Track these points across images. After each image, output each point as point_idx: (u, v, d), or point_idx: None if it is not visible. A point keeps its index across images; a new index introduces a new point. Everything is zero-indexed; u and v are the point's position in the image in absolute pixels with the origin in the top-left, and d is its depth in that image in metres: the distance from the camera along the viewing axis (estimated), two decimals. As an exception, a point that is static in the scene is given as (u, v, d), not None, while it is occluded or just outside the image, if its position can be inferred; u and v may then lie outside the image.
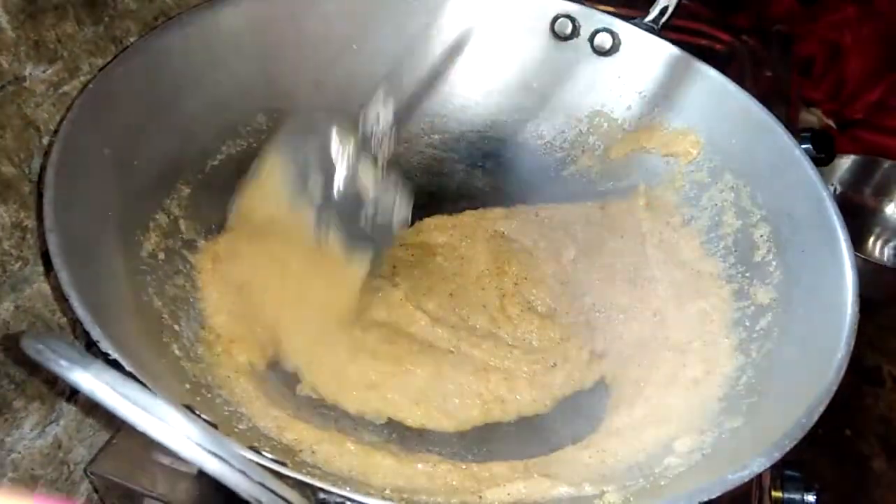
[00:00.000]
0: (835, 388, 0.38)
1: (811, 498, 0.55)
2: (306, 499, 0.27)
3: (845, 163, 1.08)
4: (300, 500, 0.26)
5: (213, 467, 0.23)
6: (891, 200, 1.08)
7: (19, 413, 0.53)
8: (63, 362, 0.23)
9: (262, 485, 0.24)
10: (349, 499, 0.29)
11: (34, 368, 0.54)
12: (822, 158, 0.84)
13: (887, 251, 1.07)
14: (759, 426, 0.41)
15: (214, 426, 0.27)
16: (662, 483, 0.39)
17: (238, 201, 0.56)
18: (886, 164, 1.07)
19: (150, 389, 0.23)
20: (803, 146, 0.78)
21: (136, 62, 0.50)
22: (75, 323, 0.55)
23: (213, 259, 0.53)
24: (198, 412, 0.32)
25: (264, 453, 0.30)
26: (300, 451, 0.42)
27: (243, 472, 0.24)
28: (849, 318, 0.42)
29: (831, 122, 1.24)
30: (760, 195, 0.56)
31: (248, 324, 0.51)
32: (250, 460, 0.25)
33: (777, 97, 0.96)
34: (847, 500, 0.77)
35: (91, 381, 0.23)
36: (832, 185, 1.07)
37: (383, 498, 0.30)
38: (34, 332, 0.23)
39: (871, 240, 1.08)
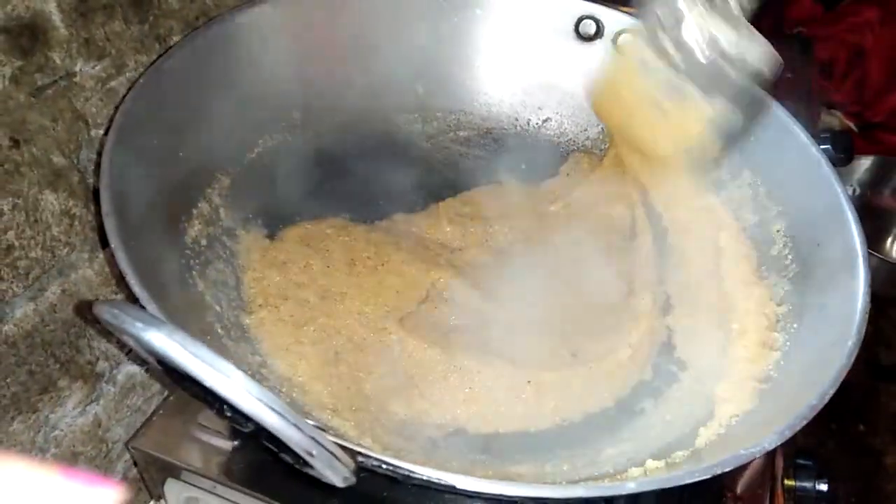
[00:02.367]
0: (845, 372, 0.40)
1: (823, 487, 0.57)
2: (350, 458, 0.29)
3: (864, 164, 1.08)
4: (345, 457, 0.28)
5: (271, 420, 0.26)
6: (909, 201, 1.09)
7: (63, 392, 0.56)
8: (138, 324, 0.25)
9: (314, 439, 0.27)
10: (384, 462, 0.31)
11: (78, 350, 0.56)
12: (841, 159, 0.85)
13: (905, 252, 1.07)
14: (771, 410, 0.43)
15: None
16: (678, 461, 0.41)
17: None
18: (905, 165, 1.08)
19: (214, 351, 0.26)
20: (823, 147, 0.80)
21: (180, 59, 0.52)
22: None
23: (261, 258, 0.56)
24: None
25: (307, 421, 0.32)
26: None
27: (297, 426, 0.26)
28: (860, 307, 0.44)
29: (852, 125, 1.24)
30: (778, 192, 0.57)
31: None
32: (303, 417, 0.27)
33: (797, 99, 0.97)
34: (859, 492, 0.78)
35: (164, 339, 0.25)
36: (851, 185, 1.08)
37: (415, 463, 0.32)
38: (107, 300, 0.26)
39: (889, 240, 1.08)
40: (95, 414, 0.60)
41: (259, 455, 0.52)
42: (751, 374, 0.48)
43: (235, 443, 0.53)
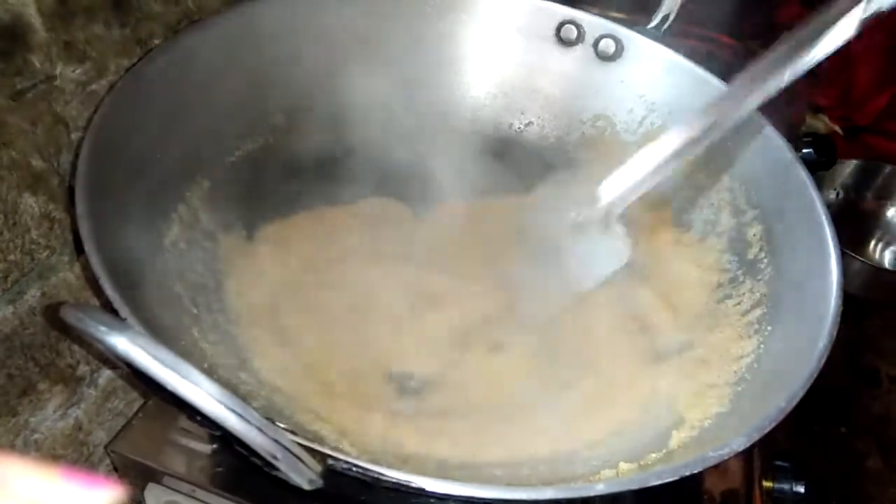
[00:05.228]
0: (815, 375, 0.40)
1: (800, 488, 0.57)
2: (316, 461, 0.29)
3: (847, 167, 1.09)
4: (310, 460, 0.29)
5: (233, 423, 0.26)
6: (892, 204, 1.09)
7: (43, 395, 0.56)
8: (102, 328, 0.25)
9: (277, 441, 0.27)
10: (354, 465, 0.31)
11: (58, 353, 0.56)
12: (823, 162, 0.86)
13: (888, 254, 1.08)
14: (745, 412, 0.43)
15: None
16: (650, 463, 0.42)
17: None
18: (887, 168, 1.08)
19: (177, 354, 0.26)
20: (805, 150, 0.80)
21: (160, 63, 0.52)
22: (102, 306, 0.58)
23: (242, 263, 0.56)
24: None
25: (278, 424, 0.33)
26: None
27: (259, 429, 0.26)
28: (832, 310, 0.44)
29: (837, 128, 1.24)
30: (755, 196, 0.58)
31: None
32: (267, 420, 0.27)
33: (782, 102, 0.97)
34: (841, 495, 0.79)
35: (126, 343, 0.25)
36: (835, 189, 1.08)
37: (388, 466, 0.32)
38: (73, 303, 0.26)
39: (872, 243, 1.09)
40: (76, 417, 0.60)
41: (237, 459, 0.52)
42: (719, 381, 0.48)
43: (214, 447, 0.53)
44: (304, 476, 0.29)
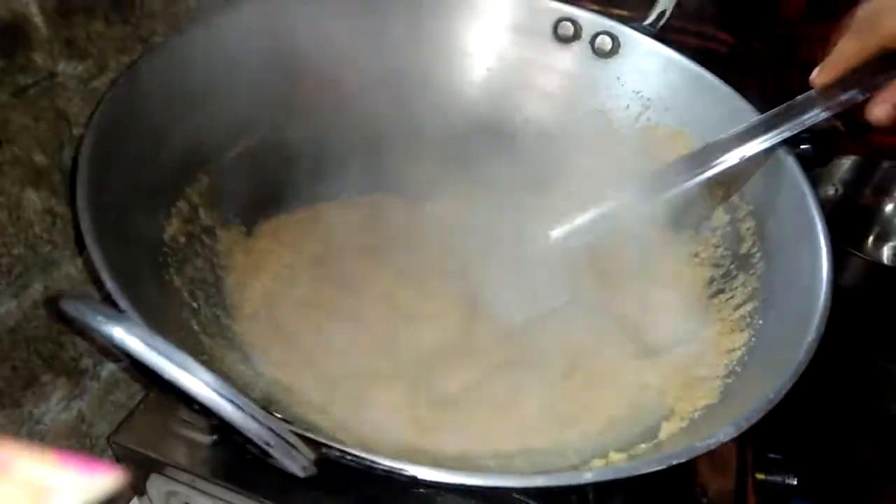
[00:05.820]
0: (804, 368, 0.41)
1: (793, 481, 0.58)
2: (310, 449, 0.30)
3: (846, 163, 1.09)
4: (304, 448, 0.29)
5: (228, 411, 0.27)
6: (890, 200, 1.09)
7: (46, 387, 0.57)
8: (99, 318, 0.26)
9: (271, 429, 0.28)
10: (347, 453, 0.32)
11: (61, 346, 0.57)
12: (820, 158, 0.86)
13: (886, 250, 1.08)
14: (735, 404, 0.44)
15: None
16: (639, 453, 0.43)
17: None
18: (886, 164, 1.08)
19: (173, 344, 0.27)
20: (803, 146, 0.81)
21: (160, 60, 0.53)
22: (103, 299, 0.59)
23: (242, 259, 0.57)
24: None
25: (274, 414, 0.33)
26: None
27: (253, 417, 0.27)
28: (822, 303, 0.45)
29: (839, 125, 1.24)
30: (748, 192, 0.59)
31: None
32: (261, 408, 0.28)
33: (781, 99, 0.98)
34: (835, 488, 0.79)
35: (123, 333, 0.26)
36: (834, 185, 1.08)
37: (380, 455, 0.33)
38: (72, 294, 0.26)
39: (871, 239, 1.09)
40: (79, 409, 0.61)
41: (237, 450, 0.53)
42: (709, 374, 0.49)
43: (214, 438, 0.54)
44: (297, 463, 0.30)
